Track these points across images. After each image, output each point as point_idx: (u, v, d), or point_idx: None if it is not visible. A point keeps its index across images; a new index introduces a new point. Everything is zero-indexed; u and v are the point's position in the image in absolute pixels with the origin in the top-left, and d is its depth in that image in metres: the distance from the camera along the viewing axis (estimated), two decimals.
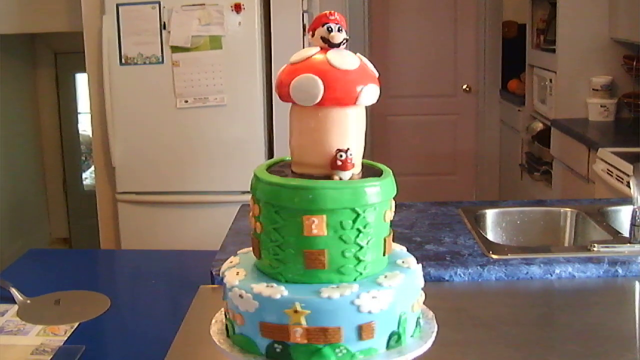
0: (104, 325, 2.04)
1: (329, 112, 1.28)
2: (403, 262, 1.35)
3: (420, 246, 2.29)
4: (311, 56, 1.29)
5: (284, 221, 1.26)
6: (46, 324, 1.97)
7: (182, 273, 2.56)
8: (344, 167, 1.26)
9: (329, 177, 1.27)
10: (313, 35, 1.31)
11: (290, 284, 1.26)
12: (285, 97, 1.29)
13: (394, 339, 1.27)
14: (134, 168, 4.39)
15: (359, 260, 1.27)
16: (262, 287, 1.24)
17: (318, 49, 1.30)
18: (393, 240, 1.36)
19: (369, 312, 1.22)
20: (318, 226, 1.23)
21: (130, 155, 4.37)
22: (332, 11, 1.32)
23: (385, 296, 1.23)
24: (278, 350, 1.24)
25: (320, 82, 1.25)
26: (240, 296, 1.25)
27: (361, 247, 1.27)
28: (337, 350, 1.23)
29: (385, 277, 1.28)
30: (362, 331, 1.23)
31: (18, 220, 5.59)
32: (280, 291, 1.22)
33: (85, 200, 5.58)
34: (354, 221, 1.25)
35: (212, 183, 4.34)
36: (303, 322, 1.20)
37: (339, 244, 1.25)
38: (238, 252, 1.47)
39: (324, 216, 1.23)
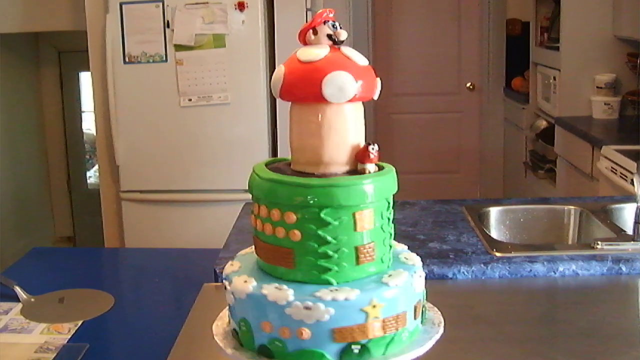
0: (108, 324, 2.05)
1: (340, 108, 1.28)
2: (406, 258, 1.37)
3: (423, 244, 2.29)
4: (327, 55, 1.28)
5: (337, 221, 1.24)
6: (50, 322, 1.98)
7: (185, 271, 2.56)
8: (374, 160, 1.29)
9: (349, 172, 1.29)
10: (315, 33, 1.30)
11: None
12: (309, 96, 1.27)
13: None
14: (138, 166, 4.39)
15: (390, 247, 1.32)
16: (330, 293, 1.21)
17: (327, 47, 1.29)
18: (395, 238, 1.38)
19: (419, 292, 1.30)
20: (368, 220, 1.25)
21: (134, 154, 4.38)
22: (331, 9, 1.32)
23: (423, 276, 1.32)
24: (356, 351, 1.22)
25: (352, 78, 1.26)
26: (308, 308, 1.19)
27: (390, 235, 1.32)
28: (403, 333, 1.26)
29: (406, 258, 1.35)
30: (416, 310, 1.29)
31: (22, 218, 5.60)
32: (353, 292, 1.21)
33: (89, 198, 5.59)
34: (387, 210, 1.29)
35: (216, 181, 4.34)
36: (380, 315, 1.21)
37: (381, 234, 1.29)
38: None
39: (372, 209, 1.25)
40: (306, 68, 1.27)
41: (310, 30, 1.30)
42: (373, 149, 1.29)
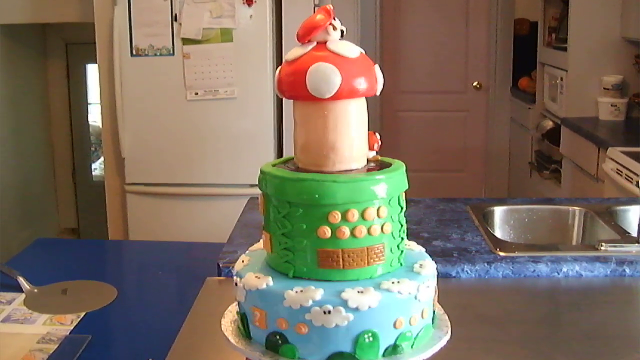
0: (110, 316, 2.05)
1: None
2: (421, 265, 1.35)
3: (427, 242, 2.29)
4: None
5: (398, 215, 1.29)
6: (53, 313, 1.98)
7: (189, 265, 2.56)
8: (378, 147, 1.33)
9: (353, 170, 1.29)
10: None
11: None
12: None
13: None
14: (143, 159, 4.40)
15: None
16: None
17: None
18: None
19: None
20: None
21: (139, 147, 4.38)
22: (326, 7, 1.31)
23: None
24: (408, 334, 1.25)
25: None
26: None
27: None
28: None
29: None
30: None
31: (27, 209, 5.60)
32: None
33: (94, 190, 5.59)
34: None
35: (221, 175, 4.34)
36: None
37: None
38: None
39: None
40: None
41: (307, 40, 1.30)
42: (379, 136, 1.33)
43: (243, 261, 1.35)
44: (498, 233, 2.61)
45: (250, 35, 4.20)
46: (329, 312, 1.18)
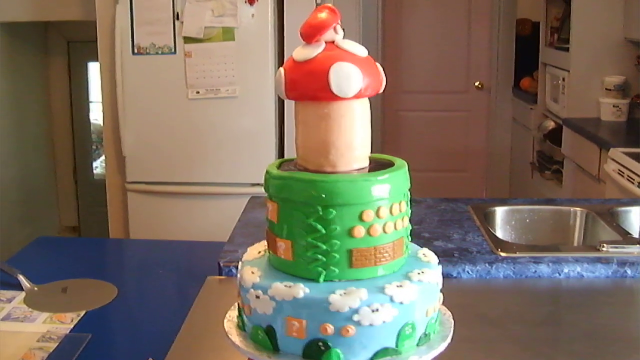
0: (111, 314, 2.05)
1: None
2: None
3: (428, 242, 2.29)
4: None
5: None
6: (53, 312, 1.98)
7: (189, 264, 2.56)
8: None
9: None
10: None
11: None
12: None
13: None
14: (144, 158, 4.40)
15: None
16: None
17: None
18: None
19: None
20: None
21: (140, 145, 4.38)
22: (329, 6, 1.30)
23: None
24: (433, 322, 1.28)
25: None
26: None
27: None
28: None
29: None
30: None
31: (28, 207, 5.61)
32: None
33: (95, 189, 5.60)
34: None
35: (222, 174, 4.34)
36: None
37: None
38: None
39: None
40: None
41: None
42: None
43: (253, 272, 1.27)
44: (499, 233, 2.61)
45: (252, 34, 4.19)
46: (377, 309, 1.19)
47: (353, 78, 1.24)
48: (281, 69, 1.29)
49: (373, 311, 1.18)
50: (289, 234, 1.25)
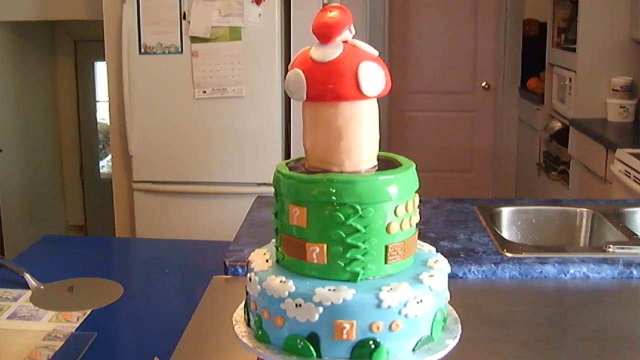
0: (117, 313, 2.05)
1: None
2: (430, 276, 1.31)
3: (434, 242, 2.28)
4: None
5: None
6: (59, 310, 1.98)
7: (195, 263, 2.56)
8: None
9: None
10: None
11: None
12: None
13: None
14: (150, 157, 4.40)
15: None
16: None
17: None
18: None
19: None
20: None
21: (147, 145, 4.38)
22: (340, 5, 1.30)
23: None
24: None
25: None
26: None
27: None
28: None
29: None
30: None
31: (34, 206, 5.62)
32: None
33: (102, 188, 5.60)
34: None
35: (228, 174, 4.35)
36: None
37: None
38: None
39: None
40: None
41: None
42: None
43: (282, 281, 1.23)
44: (505, 234, 2.61)
45: (259, 33, 4.20)
46: (421, 300, 1.22)
47: (379, 77, 1.25)
48: (297, 70, 1.26)
49: (418, 302, 1.22)
50: (323, 237, 1.23)
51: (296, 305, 1.20)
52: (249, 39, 4.19)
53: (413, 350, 1.24)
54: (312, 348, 1.22)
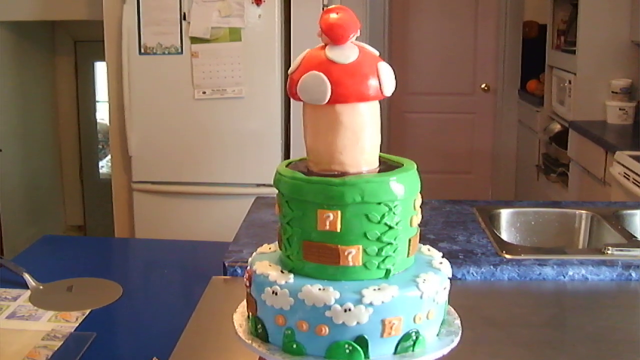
0: (115, 313, 2.05)
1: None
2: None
3: (433, 244, 2.27)
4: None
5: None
6: (58, 310, 1.98)
7: (194, 263, 2.56)
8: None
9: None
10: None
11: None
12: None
13: None
14: (150, 158, 4.40)
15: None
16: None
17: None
18: None
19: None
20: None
21: (146, 145, 4.38)
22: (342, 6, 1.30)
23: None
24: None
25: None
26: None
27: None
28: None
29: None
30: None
31: (34, 206, 5.62)
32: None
33: (101, 188, 5.61)
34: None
35: (228, 175, 4.35)
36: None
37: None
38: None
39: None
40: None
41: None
42: None
43: (322, 289, 1.21)
44: (504, 236, 2.61)
45: (259, 34, 4.20)
46: (446, 287, 1.29)
47: (393, 77, 1.28)
48: (316, 72, 1.24)
49: (444, 289, 1.29)
50: (358, 238, 1.23)
51: (345, 311, 1.19)
52: (248, 39, 4.19)
53: (437, 335, 1.30)
54: (361, 351, 1.21)
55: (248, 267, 1.32)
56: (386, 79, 1.26)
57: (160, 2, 4.22)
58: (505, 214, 2.72)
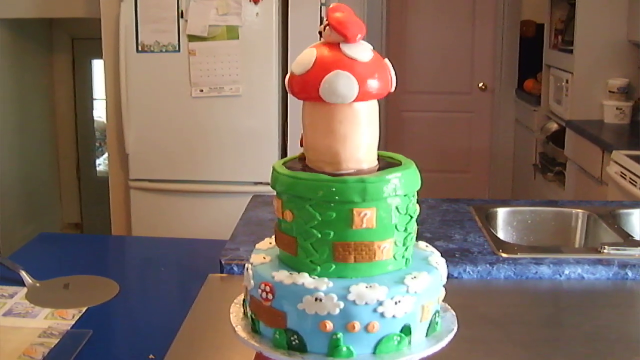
0: (112, 311, 2.05)
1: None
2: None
3: (430, 242, 2.27)
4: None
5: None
6: (54, 308, 1.98)
7: (191, 261, 2.56)
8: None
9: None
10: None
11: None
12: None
13: None
14: (147, 155, 4.40)
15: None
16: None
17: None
18: None
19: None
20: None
21: (144, 143, 4.38)
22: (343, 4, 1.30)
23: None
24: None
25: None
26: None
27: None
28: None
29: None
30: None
31: (30, 203, 5.61)
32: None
33: (98, 186, 5.60)
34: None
35: (225, 173, 4.35)
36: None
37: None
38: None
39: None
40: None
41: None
42: None
43: (370, 286, 1.21)
44: (501, 234, 2.61)
45: (256, 32, 4.20)
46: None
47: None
48: (342, 71, 1.23)
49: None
50: (390, 231, 1.26)
51: (395, 303, 1.21)
52: (246, 37, 4.19)
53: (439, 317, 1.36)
54: (407, 339, 1.24)
55: (264, 281, 1.25)
56: (393, 75, 1.29)
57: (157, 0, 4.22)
58: (501, 212, 2.73)
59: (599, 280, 2.10)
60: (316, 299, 1.20)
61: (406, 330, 1.24)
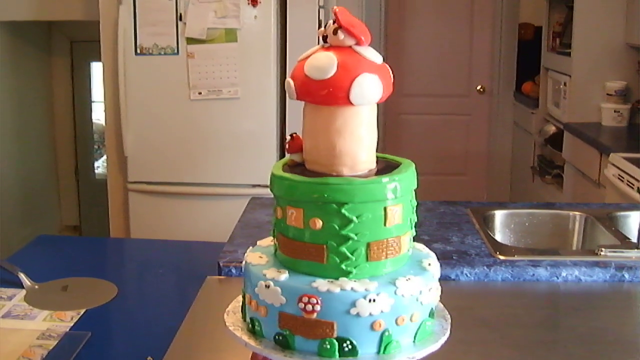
0: (111, 313, 2.05)
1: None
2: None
3: (427, 245, 2.28)
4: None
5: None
6: (53, 310, 1.98)
7: (189, 263, 2.56)
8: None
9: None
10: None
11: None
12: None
13: None
14: (145, 158, 4.40)
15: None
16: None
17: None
18: None
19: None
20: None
21: (142, 145, 4.39)
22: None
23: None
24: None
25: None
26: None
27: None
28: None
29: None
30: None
31: (29, 206, 5.61)
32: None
33: (97, 188, 5.61)
34: None
35: (223, 175, 4.35)
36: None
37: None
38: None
39: None
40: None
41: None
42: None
43: (409, 278, 1.25)
44: (498, 237, 2.62)
45: (255, 35, 4.20)
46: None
47: None
48: (369, 74, 1.24)
49: None
50: (409, 226, 1.31)
51: (429, 290, 1.28)
52: (244, 40, 4.20)
53: None
54: (432, 322, 1.32)
55: (305, 294, 1.22)
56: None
57: (156, 2, 4.22)
58: (499, 215, 2.73)
59: (596, 282, 2.11)
60: (370, 300, 1.20)
61: (432, 314, 1.31)
